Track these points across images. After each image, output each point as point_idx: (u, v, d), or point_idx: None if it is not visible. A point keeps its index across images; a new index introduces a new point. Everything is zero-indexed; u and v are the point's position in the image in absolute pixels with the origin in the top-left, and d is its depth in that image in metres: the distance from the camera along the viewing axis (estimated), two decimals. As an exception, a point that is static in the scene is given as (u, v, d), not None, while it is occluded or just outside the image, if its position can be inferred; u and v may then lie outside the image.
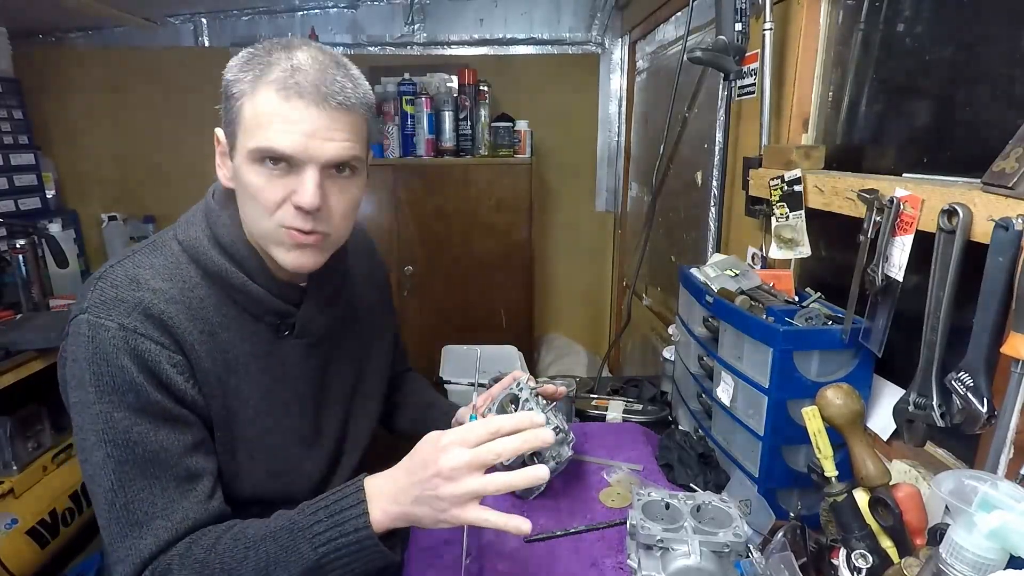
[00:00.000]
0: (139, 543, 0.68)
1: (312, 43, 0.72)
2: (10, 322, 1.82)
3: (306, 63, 0.68)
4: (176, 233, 0.78)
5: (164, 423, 0.70)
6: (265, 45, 0.71)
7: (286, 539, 0.68)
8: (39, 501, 1.73)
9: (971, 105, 0.78)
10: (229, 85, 0.70)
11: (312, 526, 0.67)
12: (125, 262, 0.75)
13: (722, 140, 1.31)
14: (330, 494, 0.70)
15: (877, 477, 0.66)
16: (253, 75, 0.69)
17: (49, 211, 2.42)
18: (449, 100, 2.25)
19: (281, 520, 0.70)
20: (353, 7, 2.51)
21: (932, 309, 0.67)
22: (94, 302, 0.70)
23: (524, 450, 0.63)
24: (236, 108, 0.70)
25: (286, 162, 0.69)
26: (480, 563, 0.78)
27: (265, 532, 0.69)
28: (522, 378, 0.95)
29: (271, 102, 0.67)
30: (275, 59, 0.69)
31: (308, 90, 0.68)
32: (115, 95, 2.52)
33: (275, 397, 0.81)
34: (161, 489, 0.70)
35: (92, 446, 0.68)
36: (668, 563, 0.71)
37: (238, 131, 0.70)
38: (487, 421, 0.65)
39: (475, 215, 2.33)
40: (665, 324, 1.91)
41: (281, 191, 0.71)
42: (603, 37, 2.61)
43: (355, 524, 0.66)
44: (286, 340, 0.82)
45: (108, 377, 0.68)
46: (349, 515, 0.67)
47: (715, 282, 1.01)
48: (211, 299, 0.76)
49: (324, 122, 0.69)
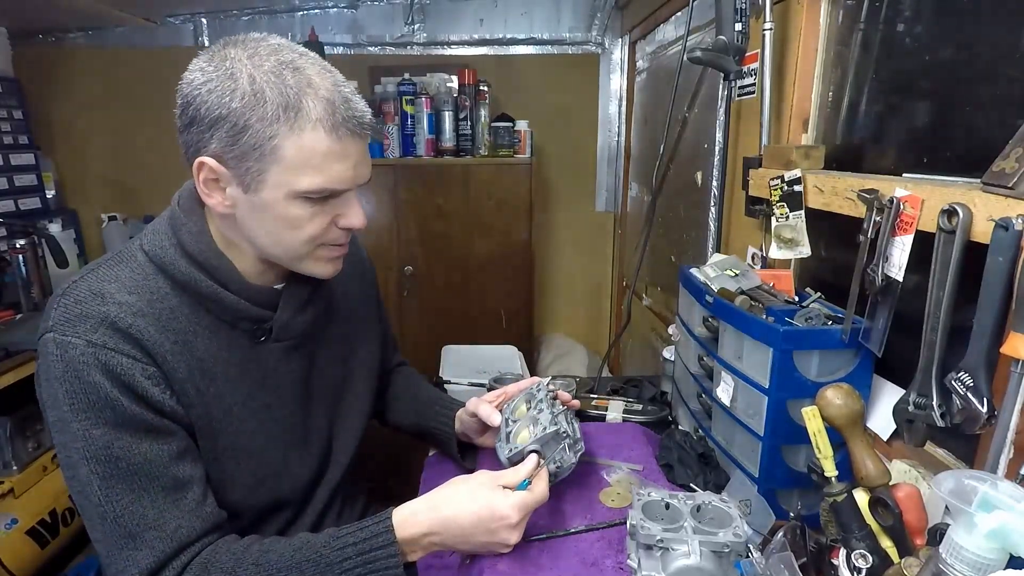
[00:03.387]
0: (136, 555, 0.68)
1: (293, 51, 0.69)
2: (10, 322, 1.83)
3: (331, 91, 0.68)
4: (142, 243, 0.76)
5: (145, 435, 0.69)
6: (253, 63, 0.65)
7: (312, 572, 0.69)
8: (39, 501, 1.73)
9: (971, 105, 0.78)
10: (235, 115, 0.65)
11: (342, 562, 0.69)
12: (88, 276, 0.72)
13: (722, 140, 1.31)
14: (358, 528, 0.72)
15: (877, 477, 0.66)
16: (283, 111, 0.65)
17: (49, 211, 2.42)
18: (449, 100, 2.25)
19: (307, 551, 0.71)
20: (353, 7, 2.51)
21: (932, 309, 0.67)
22: (58, 320, 0.68)
23: None
24: (266, 146, 0.66)
25: (332, 194, 0.71)
26: (480, 563, 0.78)
27: (291, 562, 0.70)
28: (542, 381, 0.97)
29: (321, 142, 0.67)
30: (296, 87, 0.65)
31: (353, 124, 0.69)
32: (115, 95, 2.52)
33: (257, 402, 0.80)
34: (151, 500, 0.69)
35: (75, 463, 0.67)
36: (668, 563, 0.71)
37: (269, 167, 0.67)
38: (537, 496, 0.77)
39: (475, 215, 2.33)
40: (665, 324, 1.91)
41: (327, 219, 0.73)
42: (603, 37, 2.61)
43: (385, 564, 0.70)
44: (264, 345, 0.81)
45: (82, 395, 0.66)
46: (380, 555, 0.70)
47: (715, 282, 1.01)
48: (183, 308, 0.74)
49: (362, 148, 0.72)
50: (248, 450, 0.79)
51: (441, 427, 1.04)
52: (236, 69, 0.65)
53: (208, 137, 0.67)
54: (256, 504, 0.82)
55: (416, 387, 1.13)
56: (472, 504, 0.73)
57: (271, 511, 0.84)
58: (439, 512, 0.73)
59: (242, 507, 0.80)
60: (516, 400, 0.96)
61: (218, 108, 0.65)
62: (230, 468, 0.78)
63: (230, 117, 0.65)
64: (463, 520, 0.73)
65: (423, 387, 1.14)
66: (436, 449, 1.12)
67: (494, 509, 0.72)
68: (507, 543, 0.74)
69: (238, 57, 0.66)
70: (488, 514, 0.72)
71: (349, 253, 0.99)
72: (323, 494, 0.91)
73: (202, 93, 0.66)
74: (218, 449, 0.77)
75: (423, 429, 1.07)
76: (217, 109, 0.65)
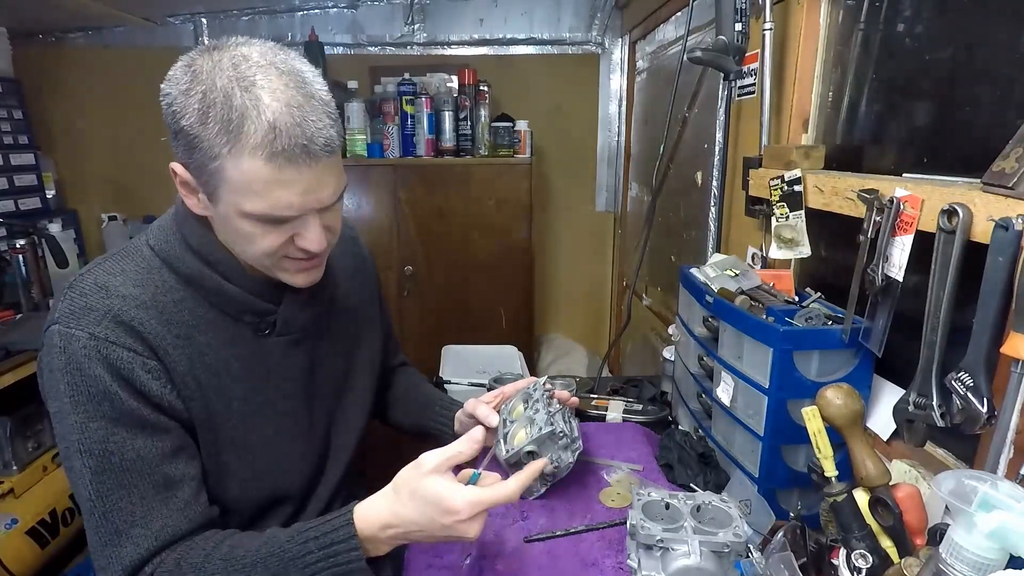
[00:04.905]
0: (119, 551, 0.68)
1: (263, 60, 0.65)
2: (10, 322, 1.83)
3: (280, 113, 0.63)
4: (148, 239, 0.78)
5: (141, 431, 0.70)
6: (210, 79, 0.64)
7: (276, 566, 0.69)
8: (39, 501, 1.73)
9: (971, 105, 0.78)
10: (187, 131, 0.64)
11: (304, 556, 0.69)
12: (95, 269, 0.74)
13: (722, 140, 1.31)
14: (321, 523, 0.71)
15: (877, 477, 0.66)
16: (223, 132, 0.63)
17: (49, 211, 2.42)
18: (449, 100, 2.24)
19: (272, 546, 0.70)
20: (353, 7, 2.51)
21: (932, 309, 0.67)
22: (64, 312, 0.69)
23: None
24: (211, 166, 0.65)
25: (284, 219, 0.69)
26: (480, 563, 0.78)
27: (256, 557, 0.70)
28: (539, 381, 0.97)
29: (259, 171, 0.64)
30: (240, 108, 0.62)
31: (296, 152, 0.64)
32: (115, 95, 2.52)
33: (260, 396, 0.80)
34: (140, 497, 0.69)
35: (71, 456, 0.69)
36: (668, 563, 0.71)
37: (219, 184, 0.66)
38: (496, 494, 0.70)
39: (475, 215, 2.33)
40: (665, 324, 1.91)
41: (281, 238, 0.71)
42: (603, 37, 2.61)
43: (347, 557, 0.69)
44: (268, 339, 0.81)
45: (83, 387, 0.67)
46: (341, 548, 0.69)
47: (715, 282, 1.01)
48: (187, 302, 0.75)
49: (314, 175, 0.67)
50: (249, 444, 0.79)
51: (440, 428, 1.04)
52: (193, 85, 0.64)
53: (176, 146, 0.68)
54: (256, 498, 0.82)
55: (417, 387, 1.13)
56: (418, 498, 0.69)
57: (272, 506, 0.85)
58: (392, 505, 0.70)
59: (242, 501, 0.80)
60: (513, 400, 0.96)
61: (175, 122, 0.66)
62: (231, 462, 0.78)
63: (182, 133, 0.65)
64: (412, 515, 0.69)
65: (423, 387, 1.14)
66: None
67: (441, 503, 0.67)
68: (465, 536, 0.68)
69: (202, 70, 0.65)
70: (435, 510, 0.67)
71: (351, 251, 0.99)
72: (324, 491, 0.91)
73: (166, 103, 0.66)
74: (219, 443, 0.77)
75: (423, 429, 1.07)
76: (174, 123, 0.66)
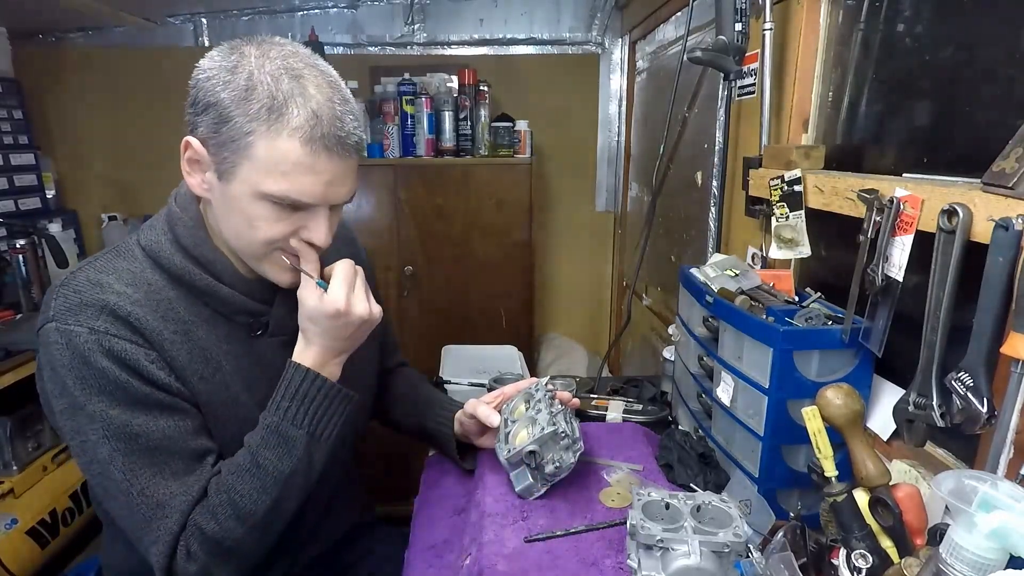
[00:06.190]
0: (167, 523, 0.70)
1: (309, 60, 0.70)
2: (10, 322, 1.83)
3: (323, 105, 0.68)
4: (139, 238, 0.78)
5: (161, 413, 0.71)
6: (259, 63, 0.67)
7: (275, 440, 0.73)
8: (39, 501, 1.73)
9: (971, 105, 0.78)
10: (223, 104, 0.67)
11: (284, 413, 0.74)
12: (87, 267, 0.74)
13: (722, 140, 1.31)
14: (279, 387, 0.76)
15: (877, 477, 0.66)
16: (266, 112, 0.66)
17: (49, 211, 2.42)
18: (449, 100, 2.24)
19: (257, 434, 0.75)
20: (353, 7, 2.51)
21: (932, 309, 0.67)
22: (59, 309, 0.69)
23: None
24: (241, 141, 0.67)
25: (300, 206, 0.71)
26: (480, 563, 0.78)
27: (254, 450, 0.74)
28: (541, 381, 0.98)
29: (293, 151, 0.67)
30: (287, 92, 0.66)
31: (332, 141, 0.68)
32: (115, 95, 2.52)
33: (258, 394, 0.80)
34: (171, 473, 0.71)
35: (94, 444, 0.68)
36: (668, 563, 0.71)
37: (241, 161, 0.68)
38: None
39: (475, 215, 2.33)
40: (665, 324, 1.91)
41: (288, 227, 0.72)
42: (603, 37, 2.61)
43: (317, 386, 0.75)
44: (261, 339, 0.82)
45: (93, 380, 0.68)
46: (307, 385, 0.75)
47: (715, 282, 1.01)
48: (180, 300, 0.76)
49: (341, 170, 0.71)
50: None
51: (440, 428, 1.04)
52: (241, 65, 0.68)
53: (198, 121, 0.70)
54: None
55: (416, 388, 1.13)
56: (318, 324, 0.76)
57: None
58: (310, 343, 0.77)
59: None
60: (515, 400, 0.96)
61: (211, 95, 0.68)
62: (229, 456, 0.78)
63: (218, 106, 0.68)
64: (324, 339, 0.76)
65: (423, 388, 1.14)
66: (436, 450, 1.12)
67: (327, 315, 0.74)
68: (364, 315, 0.77)
69: (249, 54, 0.68)
70: (330, 322, 0.75)
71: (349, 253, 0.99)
72: (323, 491, 0.91)
73: (202, 79, 0.69)
74: (223, 438, 0.78)
75: (423, 430, 1.07)
76: (209, 96, 0.68)
